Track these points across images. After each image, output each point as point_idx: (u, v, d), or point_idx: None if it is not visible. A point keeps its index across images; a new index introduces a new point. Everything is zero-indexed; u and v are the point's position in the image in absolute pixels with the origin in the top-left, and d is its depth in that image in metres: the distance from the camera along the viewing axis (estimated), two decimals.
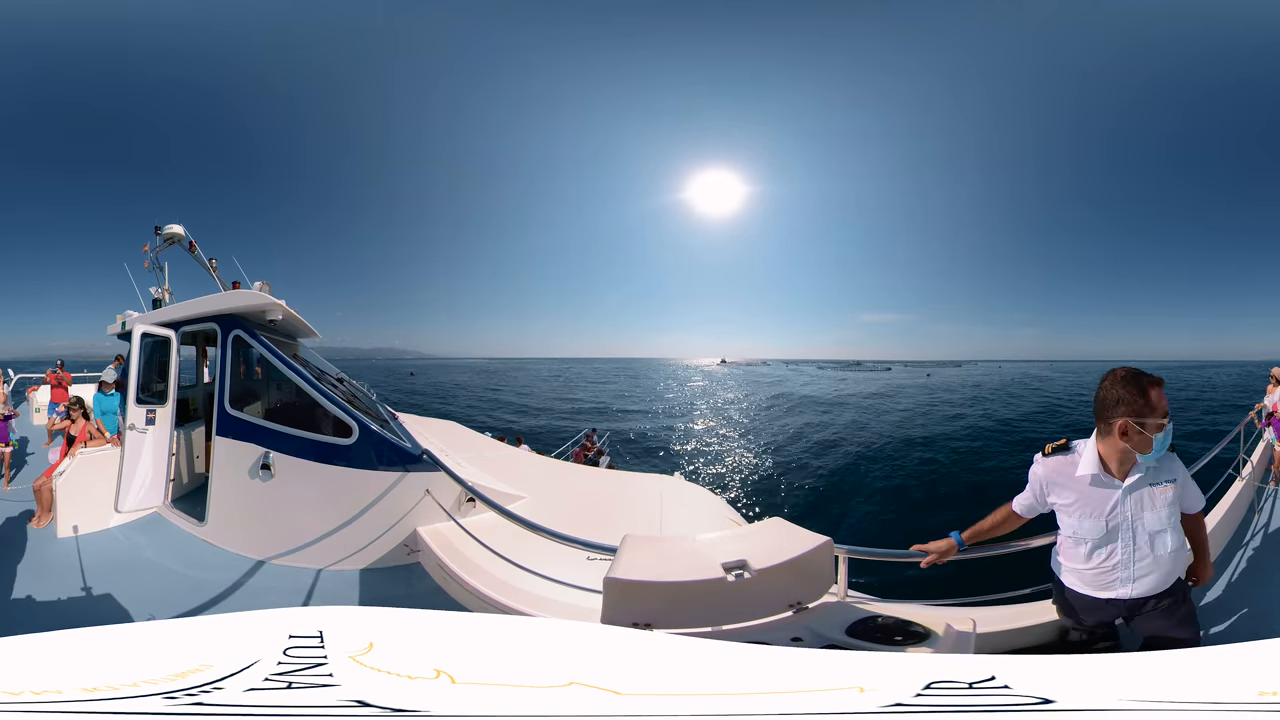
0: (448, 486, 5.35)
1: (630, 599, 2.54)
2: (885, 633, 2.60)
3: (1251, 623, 3.37)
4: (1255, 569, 4.23)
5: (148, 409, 6.29)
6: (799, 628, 2.67)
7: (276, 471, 5.57)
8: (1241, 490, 5.14)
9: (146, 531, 5.96)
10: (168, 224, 7.51)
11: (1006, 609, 3.01)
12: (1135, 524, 2.51)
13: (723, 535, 3.33)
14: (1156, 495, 2.55)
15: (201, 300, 6.56)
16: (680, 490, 7.69)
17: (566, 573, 3.95)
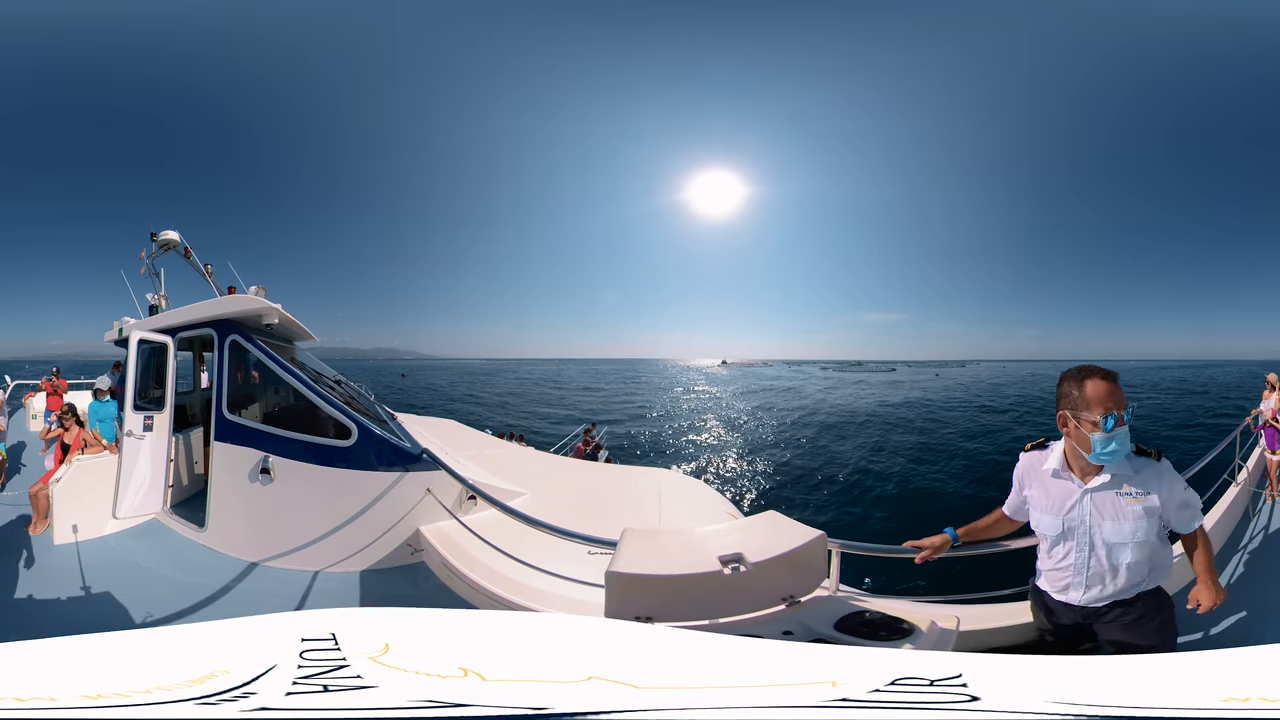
0: (448, 485, 5.37)
1: (632, 592, 2.58)
2: (872, 628, 2.63)
3: (1246, 628, 3.35)
4: (1251, 574, 4.25)
5: (145, 415, 6.29)
6: (791, 621, 2.71)
7: (276, 475, 5.57)
8: (1237, 495, 5.16)
9: (145, 537, 5.97)
10: (163, 230, 7.49)
11: (991, 608, 3.03)
12: (1093, 529, 2.44)
13: (720, 528, 3.38)
14: (1124, 505, 2.42)
15: (198, 306, 6.56)
16: (678, 483, 7.76)
17: (569, 567, 3.99)
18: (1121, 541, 2.41)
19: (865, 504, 16.96)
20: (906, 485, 18.49)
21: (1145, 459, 2.47)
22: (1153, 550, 2.46)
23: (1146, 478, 2.44)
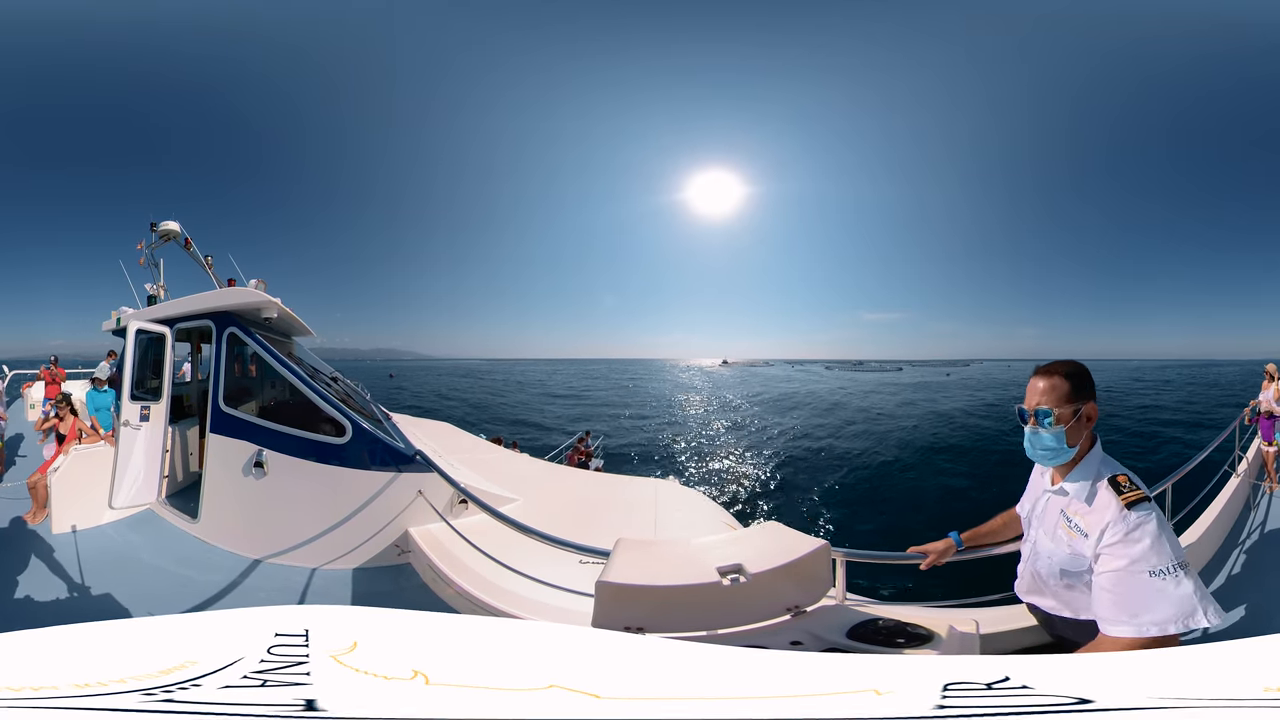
0: (440, 488, 5.34)
1: (622, 602, 2.53)
2: (886, 635, 2.57)
3: (1249, 620, 3.35)
4: (1252, 566, 4.22)
5: (142, 405, 6.26)
6: (798, 631, 2.65)
7: (270, 469, 5.56)
8: (1237, 487, 5.14)
9: (140, 528, 5.96)
10: (164, 220, 7.50)
11: (1007, 610, 2.95)
12: (1036, 535, 2.30)
13: (718, 539, 3.31)
14: (1060, 531, 2.13)
15: (197, 297, 6.57)
16: (675, 494, 7.69)
17: (559, 576, 3.93)
18: (1050, 572, 2.19)
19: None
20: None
21: (1113, 494, 1.98)
22: (1071, 599, 2.16)
23: (1098, 521, 1.98)
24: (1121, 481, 1.99)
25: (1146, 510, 1.90)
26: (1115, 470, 2.06)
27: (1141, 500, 1.92)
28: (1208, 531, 4.53)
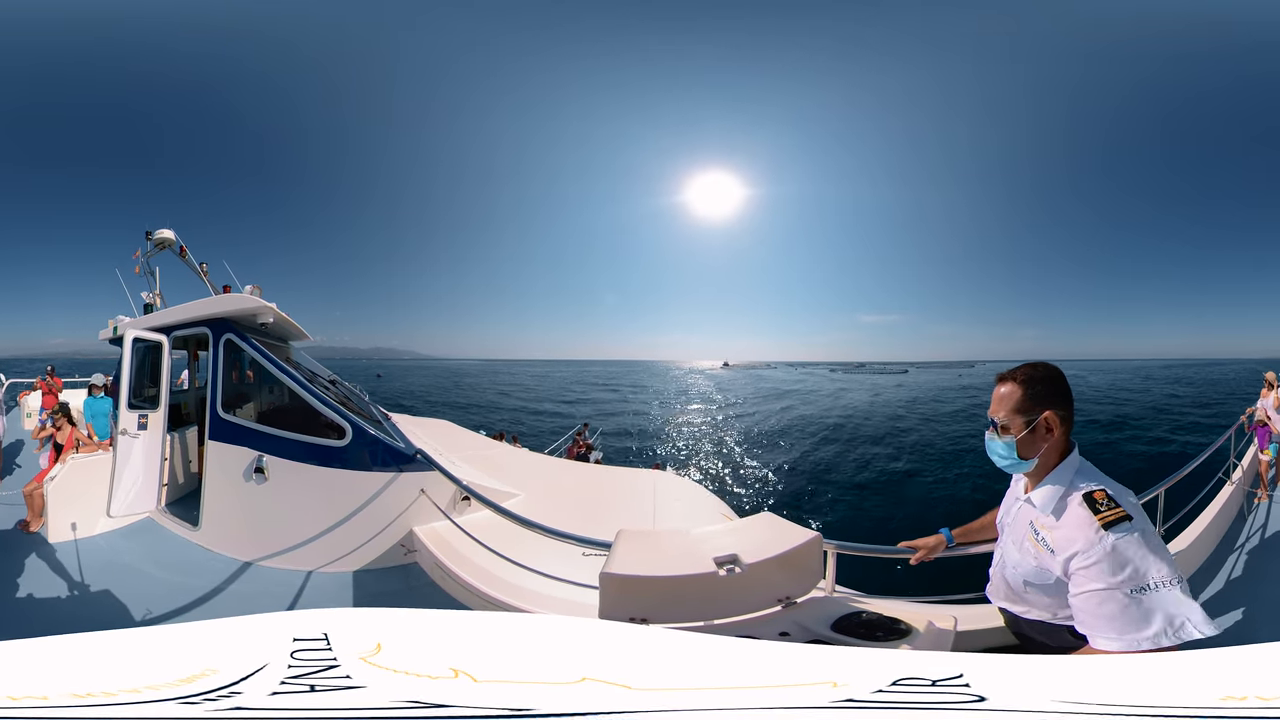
0: (442, 486, 5.37)
1: (626, 594, 2.58)
2: (869, 628, 2.62)
3: (1244, 627, 3.36)
4: (1248, 573, 4.24)
5: (140, 414, 6.27)
6: (787, 622, 2.71)
7: (270, 474, 5.57)
8: (1231, 495, 5.15)
9: (139, 536, 5.96)
10: (159, 229, 7.48)
11: (988, 608, 3.05)
12: (1005, 543, 2.25)
13: (715, 529, 3.38)
14: (1027, 543, 2.04)
15: (192, 305, 6.55)
16: (672, 484, 7.76)
17: (563, 568, 3.99)
18: (1016, 586, 2.15)
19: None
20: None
21: (1088, 512, 1.83)
22: (1044, 605, 2.10)
23: (1067, 538, 1.86)
24: (1098, 498, 1.83)
25: (1125, 530, 1.75)
26: (1093, 483, 1.89)
27: (1121, 520, 1.77)
28: (1199, 538, 4.53)
